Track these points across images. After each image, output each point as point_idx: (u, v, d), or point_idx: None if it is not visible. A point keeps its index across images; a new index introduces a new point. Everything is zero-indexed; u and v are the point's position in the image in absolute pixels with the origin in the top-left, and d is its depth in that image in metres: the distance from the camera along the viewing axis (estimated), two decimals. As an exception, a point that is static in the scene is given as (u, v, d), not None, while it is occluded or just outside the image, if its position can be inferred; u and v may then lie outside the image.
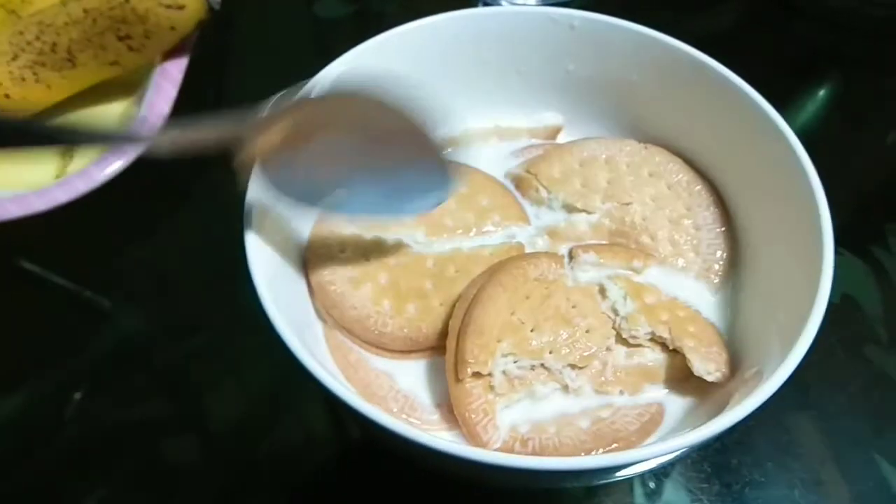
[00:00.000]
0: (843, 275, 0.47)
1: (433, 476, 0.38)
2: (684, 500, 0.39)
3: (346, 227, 0.42)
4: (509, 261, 0.38)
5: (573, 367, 0.36)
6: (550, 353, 0.35)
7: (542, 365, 0.35)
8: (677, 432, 0.35)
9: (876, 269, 0.48)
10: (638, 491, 0.39)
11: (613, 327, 0.37)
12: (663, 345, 0.37)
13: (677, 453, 0.30)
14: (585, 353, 0.36)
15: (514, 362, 0.35)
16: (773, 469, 0.40)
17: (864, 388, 0.43)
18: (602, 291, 0.38)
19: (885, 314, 0.46)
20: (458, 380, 0.34)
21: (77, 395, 0.44)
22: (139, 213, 0.52)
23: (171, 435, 0.43)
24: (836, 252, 0.32)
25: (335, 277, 0.40)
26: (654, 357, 0.37)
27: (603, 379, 0.36)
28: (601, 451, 0.34)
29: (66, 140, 0.33)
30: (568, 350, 0.36)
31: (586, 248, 0.40)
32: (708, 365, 0.35)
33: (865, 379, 0.44)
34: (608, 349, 0.37)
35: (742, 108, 0.39)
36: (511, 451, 0.34)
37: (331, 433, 0.43)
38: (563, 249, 0.41)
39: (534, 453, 0.34)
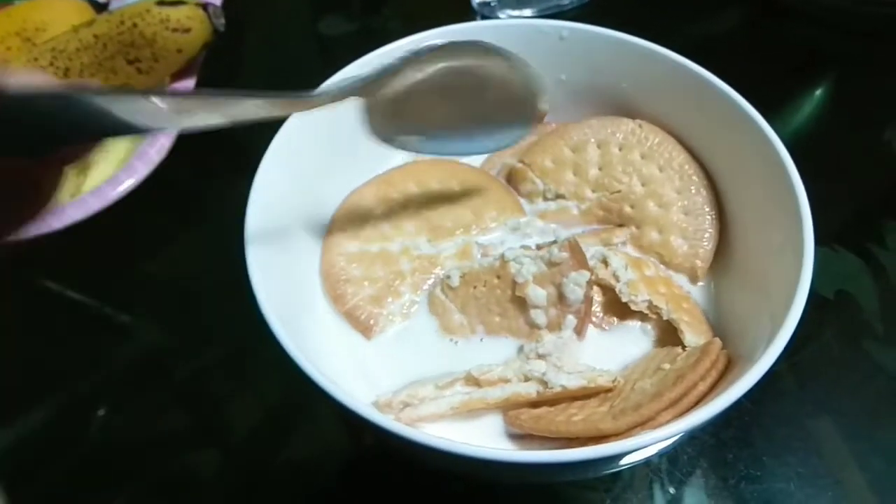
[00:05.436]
0: (840, 271, 0.48)
1: (444, 485, 0.40)
2: (680, 495, 0.40)
3: (350, 245, 0.43)
4: None
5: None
6: None
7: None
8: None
9: (872, 266, 0.48)
10: (657, 490, 0.40)
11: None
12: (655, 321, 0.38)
13: (665, 443, 0.31)
14: None
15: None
16: (769, 463, 0.40)
17: (860, 383, 0.44)
18: (604, 261, 0.39)
19: (881, 309, 0.46)
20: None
21: (98, 408, 0.46)
22: (155, 230, 0.54)
23: (189, 446, 0.45)
24: (832, 249, 0.33)
25: (359, 301, 0.41)
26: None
27: None
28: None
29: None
30: None
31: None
32: (699, 339, 0.36)
33: (861, 373, 0.44)
34: None
35: (726, 110, 0.40)
36: None
37: (345, 442, 0.44)
38: (553, 228, 0.43)
39: None
